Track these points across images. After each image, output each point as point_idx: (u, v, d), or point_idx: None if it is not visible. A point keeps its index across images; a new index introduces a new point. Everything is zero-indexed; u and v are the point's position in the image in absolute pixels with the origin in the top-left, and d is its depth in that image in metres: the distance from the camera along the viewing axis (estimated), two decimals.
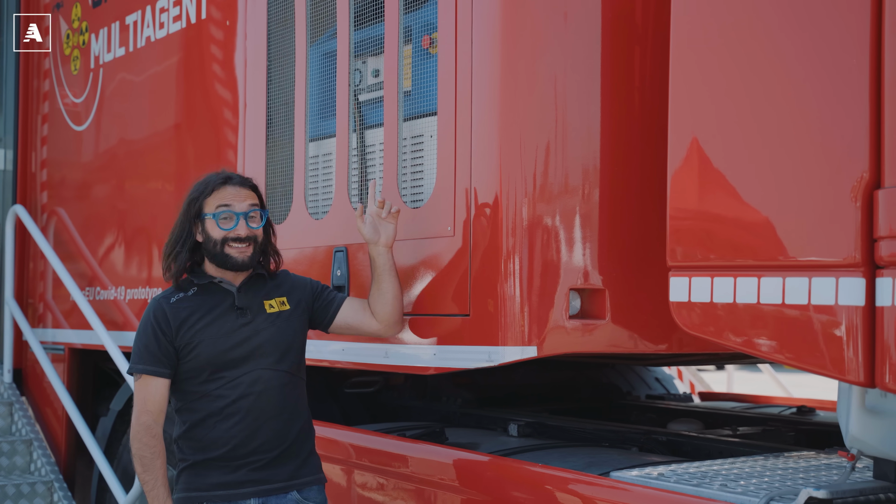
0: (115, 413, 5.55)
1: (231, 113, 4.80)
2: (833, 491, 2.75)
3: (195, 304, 3.36)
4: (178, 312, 3.33)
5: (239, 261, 3.35)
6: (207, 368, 3.29)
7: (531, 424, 4.21)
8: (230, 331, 3.32)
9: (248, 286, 3.42)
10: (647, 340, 3.62)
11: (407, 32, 3.92)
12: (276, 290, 3.46)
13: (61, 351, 6.09)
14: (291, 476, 3.33)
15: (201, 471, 3.30)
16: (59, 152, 6.37)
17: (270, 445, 3.30)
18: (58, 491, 5.77)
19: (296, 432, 3.36)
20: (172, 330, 3.30)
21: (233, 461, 3.27)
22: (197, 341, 3.29)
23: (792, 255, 2.77)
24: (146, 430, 3.28)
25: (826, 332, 2.67)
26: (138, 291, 5.42)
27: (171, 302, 3.36)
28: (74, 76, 6.16)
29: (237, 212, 3.35)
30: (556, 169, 3.53)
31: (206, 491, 3.29)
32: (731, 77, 2.97)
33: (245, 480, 3.27)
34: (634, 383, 5.95)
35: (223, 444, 3.28)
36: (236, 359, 3.29)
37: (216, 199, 3.36)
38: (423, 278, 3.72)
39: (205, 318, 3.32)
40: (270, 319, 3.38)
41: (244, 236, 3.35)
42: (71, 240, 6.11)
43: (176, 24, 5.21)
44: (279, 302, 3.42)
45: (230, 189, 3.38)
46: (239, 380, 3.29)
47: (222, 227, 3.34)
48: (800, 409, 5.17)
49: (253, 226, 3.37)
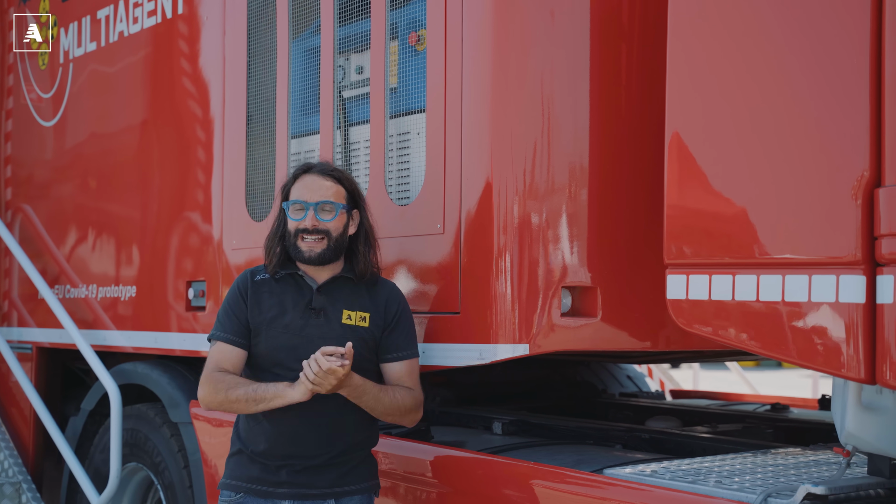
0: (87, 413, 5.46)
1: (210, 109, 4.75)
2: (830, 487, 2.78)
3: (275, 290, 3.27)
4: (257, 292, 3.27)
5: (306, 255, 3.22)
6: (265, 359, 3.23)
7: (515, 422, 4.20)
8: (298, 329, 3.22)
9: (331, 287, 3.28)
10: (636, 338, 3.63)
11: (393, 29, 3.90)
12: (361, 301, 3.29)
13: (29, 350, 5.99)
14: (332, 484, 3.24)
15: (246, 461, 3.26)
16: (26, 148, 6.26)
17: (312, 452, 3.21)
18: (26, 492, 5.67)
19: (344, 445, 3.24)
20: (248, 305, 3.25)
21: (274, 460, 3.22)
22: (263, 328, 3.22)
23: (792, 252, 2.79)
24: (219, 374, 3.16)
25: (826, 329, 2.70)
26: (110, 290, 5.34)
27: (256, 280, 3.31)
28: (42, 71, 6.06)
29: (308, 202, 3.23)
30: (546, 166, 3.53)
31: (247, 482, 3.25)
32: (729, 74, 2.99)
33: (284, 481, 3.21)
34: (608, 381, 5.98)
35: (266, 439, 3.21)
36: (294, 359, 3.14)
37: (295, 188, 3.28)
38: (410, 276, 3.71)
39: (277, 307, 3.24)
40: (342, 330, 3.22)
41: (310, 228, 3.21)
42: (38, 237, 6.02)
43: (151, 19, 5.14)
44: (359, 316, 3.26)
45: (307, 178, 3.29)
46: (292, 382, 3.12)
47: (293, 218, 3.25)
48: (774, 406, 5.22)
49: (324, 218, 3.22)
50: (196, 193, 4.85)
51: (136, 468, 5.14)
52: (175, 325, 4.89)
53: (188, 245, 4.89)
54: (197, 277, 4.78)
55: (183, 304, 4.84)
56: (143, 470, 5.12)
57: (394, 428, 4.10)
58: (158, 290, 5.03)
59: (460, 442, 3.95)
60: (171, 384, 4.88)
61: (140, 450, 5.04)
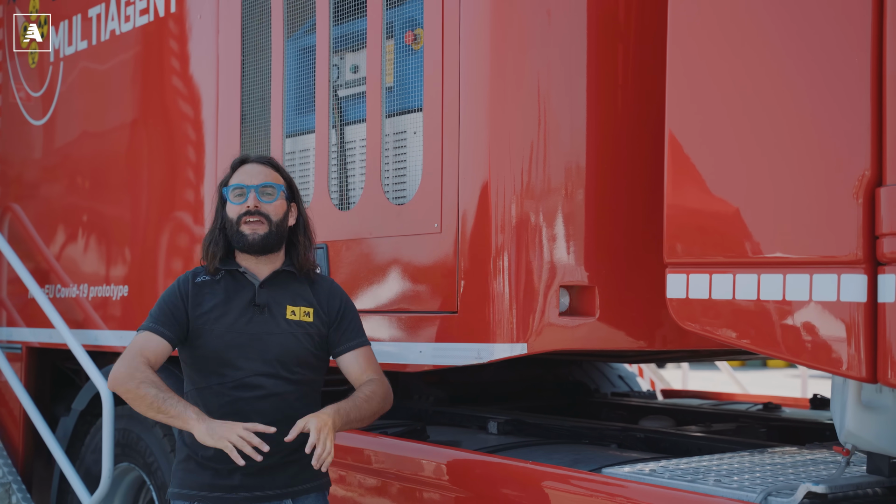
0: (77, 413, 5.44)
1: (203, 108, 4.73)
2: (831, 486, 2.79)
3: (216, 289, 3.20)
4: (198, 293, 3.19)
5: (249, 238, 3.16)
6: (210, 360, 3.15)
7: (511, 422, 4.20)
8: (242, 326, 3.16)
9: (274, 283, 3.23)
10: (633, 337, 3.64)
11: (389, 28, 3.90)
12: (304, 297, 3.25)
13: (18, 350, 5.95)
14: (287, 484, 3.18)
15: (196, 468, 3.17)
16: (15, 147, 6.22)
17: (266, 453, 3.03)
18: (16, 493, 5.64)
19: (297, 444, 3.09)
20: (188, 306, 3.17)
21: (226, 463, 3.08)
22: (205, 329, 3.15)
23: (793, 252, 2.80)
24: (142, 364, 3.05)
25: (827, 328, 2.70)
26: (102, 289, 5.32)
27: (196, 281, 3.22)
28: (32, 69, 6.03)
29: (248, 185, 3.18)
30: (544, 165, 3.53)
31: (199, 490, 3.15)
32: (729, 73, 2.99)
33: (238, 485, 3.13)
34: (599, 381, 5.99)
35: None
36: (241, 358, 3.13)
37: (234, 177, 3.24)
38: (407, 275, 3.70)
39: (220, 307, 3.17)
40: (287, 325, 3.19)
41: (253, 209, 3.16)
42: (28, 236, 5.98)
43: (143, 18, 5.12)
44: (303, 311, 3.22)
45: (247, 167, 3.24)
46: (241, 381, 3.13)
47: (234, 203, 3.18)
48: (766, 405, 5.23)
49: (265, 200, 3.17)
50: (188, 193, 4.83)
51: (127, 468, 5.12)
52: None
53: (180, 245, 4.87)
54: None
55: None
56: (135, 470, 5.09)
57: (389, 428, 4.10)
58: (150, 290, 5.00)
59: (456, 442, 3.95)
60: None
61: (132, 450, 5.01)
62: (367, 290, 3.85)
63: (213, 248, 3.23)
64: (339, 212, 4.04)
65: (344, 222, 3.99)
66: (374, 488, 3.76)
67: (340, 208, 4.07)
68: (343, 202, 4.09)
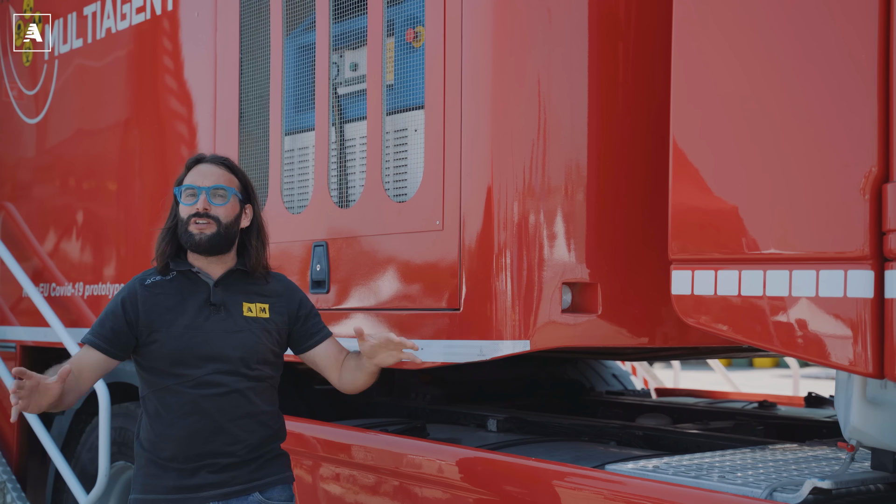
0: (73, 412, 5.42)
1: (201, 106, 4.72)
2: (836, 481, 2.80)
3: (169, 290, 3.19)
4: (149, 296, 3.16)
5: (196, 238, 3.13)
6: (168, 360, 3.12)
7: (510, 419, 4.21)
8: (198, 326, 3.14)
9: (228, 282, 3.22)
10: (635, 334, 3.64)
11: (389, 26, 3.90)
12: (259, 294, 3.26)
13: (12, 348, 5.93)
14: (251, 478, 3.16)
15: (158, 472, 3.14)
16: (9, 146, 6.20)
17: (229, 449, 3.13)
18: (11, 492, 5.62)
19: (259, 439, 3.17)
20: (138, 313, 3.14)
21: (189, 463, 3.10)
22: (161, 330, 3.12)
23: (800, 248, 2.81)
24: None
25: (834, 324, 2.71)
26: (97, 287, 5.30)
27: (146, 284, 3.20)
28: (26, 67, 6.01)
29: (200, 186, 3.16)
30: (546, 163, 3.53)
31: (163, 494, 3.12)
32: (736, 70, 3.00)
33: (203, 484, 3.11)
34: (594, 380, 6.00)
35: (179, 442, 3.10)
36: (199, 357, 3.10)
37: (188, 177, 3.21)
38: (409, 273, 3.70)
39: (175, 307, 3.15)
40: (245, 323, 3.18)
41: (202, 211, 3.13)
42: (22, 235, 5.96)
43: (139, 16, 5.11)
44: (259, 308, 3.22)
45: (201, 167, 3.21)
46: (201, 379, 3.10)
47: (185, 203, 3.16)
48: (761, 403, 5.25)
49: (216, 202, 3.15)
50: None
51: (124, 467, 5.10)
52: None
53: None
54: None
55: None
56: (131, 468, 5.08)
57: (390, 425, 4.10)
58: None
59: (456, 439, 3.95)
60: None
61: (128, 448, 4.99)
62: (368, 287, 3.85)
63: (164, 246, 3.23)
64: (339, 209, 4.03)
65: (344, 220, 3.99)
66: (372, 486, 3.76)
67: (341, 206, 4.06)
68: (343, 200, 4.08)
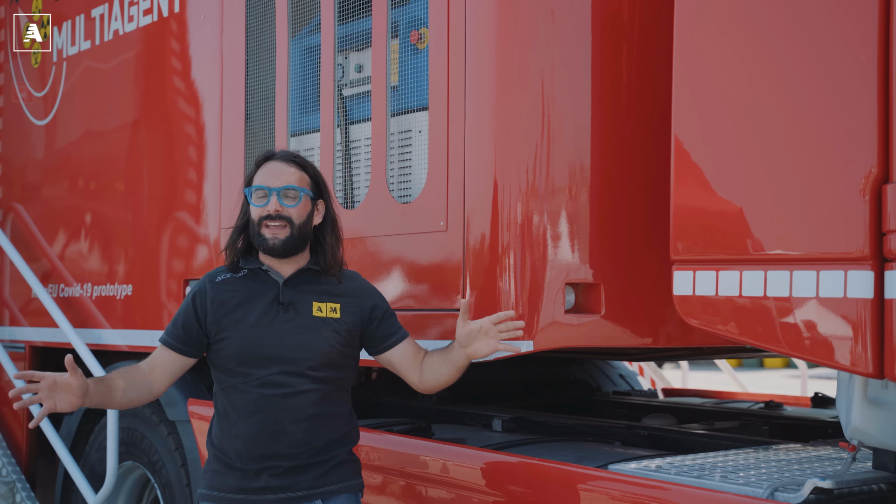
0: (82, 411, 5.45)
1: (207, 108, 4.74)
2: (837, 481, 2.80)
3: (239, 287, 3.15)
4: (219, 294, 3.14)
5: (270, 243, 3.09)
6: (234, 359, 3.10)
7: (515, 419, 4.22)
8: (264, 325, 3.09)
9: (298, 280, 3.16)
10: (638, 335, 3.65)
11: (394, 27, 3.91)
12: (330, 293, 3.18)
13: (22, 349, 5.97)
14: (314, 484, 3.12)
15: (224, 470, 3.13)
16: (18, 147, 6.23)
17: (292, 452, 3.09)
18: (20, 491, 5.65)
19: (323, 442, 3.12)
20: (207, 310, 3.13)
21: (252, 464, 3.08)
22: (229, 328, 3.10)
23: (800, 248, 2.81)
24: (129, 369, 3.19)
25: (834, 324, 2.72)
26: (105, 288, 5.33)
27: (216, 281, 3.17)
28: (35, 69, 6.04)
29: (270, 187, 3.10)
30: (549, 164, 3.54)
31: (227, 493, 3.11)
32: (736, 71, 3.01)
33: (266, 487, 3.08)
34: (600, 380, 6.00)
35: (243, 442, 3.08)
36: (266, 356, 3.07)
37: (258, 176, 3.17)
38: (414, 274, 3.71)
39: (244, 305, 3.12)
40: (314, 323, 3.12)
41: (273, 213, 3.08)
42: (31, 236, 5.99)
43: (146, 18, 5.13)
44: (330, 308, 3.15)
45: (270, 165, 3.16)
46: (266, 378, 3.07)
47: (256, 205, 3.12)
48: (768, 403, 5.25)
49: (287, 203, 3.09)
50: (191, 193, 4.84)
51: (132, 467, 5.13)
52: None
53: (183, 244, 4.88)
54: (192, 276, 4.78)
55: (178, 302, 4.83)
56: (139, 468, 5.11)
57: (395, 425, 4.12)
58: (154, 289, 5.02)
59: (461, 439, 3.97)
60: None
61: (137, 448, 5.03)
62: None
63: (234, 244, 3.21)
64: (343, 210, 4.05)
65: (349, 221, 4.00)
66: (378, 486, 3.77)
67: (345, 207, 4.08)
68: (348, 201, 4.10)
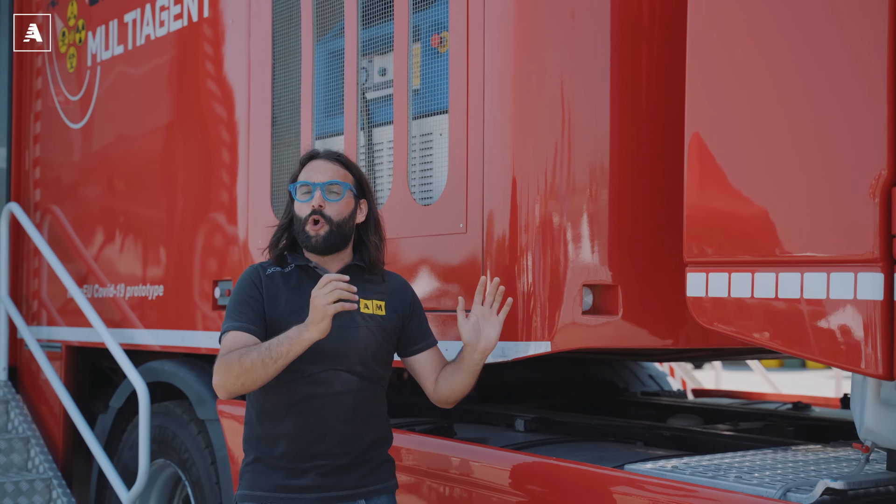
0: (115, 410, 5.55)
1: (235, 111, 4.81)
2: (850, 482, 2.81)
3: (287, 282, 3.16)
4: (270, 286, 3.14)
5: (312, 241, 3.12)
6: None
7: (537, 420, 4.24)
8: None
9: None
10: (656, 336, 3.66)
11: (415, 31, 3.95)
12: (376, 291, 3.21)
13: (58, 349, 6.08)
14: (358, 484, 3.13)
15: (266, 469, 3.11)
16: (54, 150, 6.35)
17: (338, 451, 3.09)
18: (56, 488, 5.76)
19: (368, 442, 3.14)
20: (264, 298, 3.11)
21: (300, 462, 3.08)
22: (281, 323, 3.05)
23: (810, 250, 2.82)
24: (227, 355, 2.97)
25: (845, 326, 2.73)
26: (138, 289, 5.42)
27: (267, 273, 3.17)
28: (70, 74, 6.15)
29: (314, 183, 3.13)
30: (568, 166, 3.57)
31: (270, 492, 3.09)
32: (747, 74, 3.02)
33: (310, 486, 3.08)
34: (629, 380, 6.01)
35: (290, 440, 3.07)
36: (315, 353, 3.01)
37: (302, 173, 3.21)
38: (433, 274, 3.75)
39: (292, 300, 3.11)
40: (362, 320, 3.13)
41: (317, 208, 3.11)
42: (66, 237, 6.11)
43: (177, 23, 5.22)
44: (376, 305, 3.18)
45: (315, 163, 3.20)
46: (314, 376, 3.07)
47: (300, 201, 3.14)
48: (795, 404, 5.24)
49: (331, 199, 3.12)
50: (222, 194, 4.92)
51: (164, 464, 5.22)
52: (201, 323, 4.96)
53: (214, 245, 4.95)
54: (223, 277, 4.85)
55: (209, 303, 4.91)
56: (170, 466, 5.19)
57: (417, 424, 4.16)
58: (185, 290, 5.10)
59: (483, 438, 4.00)
60: (198, 382, 4.95)
61: (168, 446, 5.11)
62: None
63: (278, 242, 3.23)
64: None
65: None
66: (400, 485, 3.81)
67: None
68: None
